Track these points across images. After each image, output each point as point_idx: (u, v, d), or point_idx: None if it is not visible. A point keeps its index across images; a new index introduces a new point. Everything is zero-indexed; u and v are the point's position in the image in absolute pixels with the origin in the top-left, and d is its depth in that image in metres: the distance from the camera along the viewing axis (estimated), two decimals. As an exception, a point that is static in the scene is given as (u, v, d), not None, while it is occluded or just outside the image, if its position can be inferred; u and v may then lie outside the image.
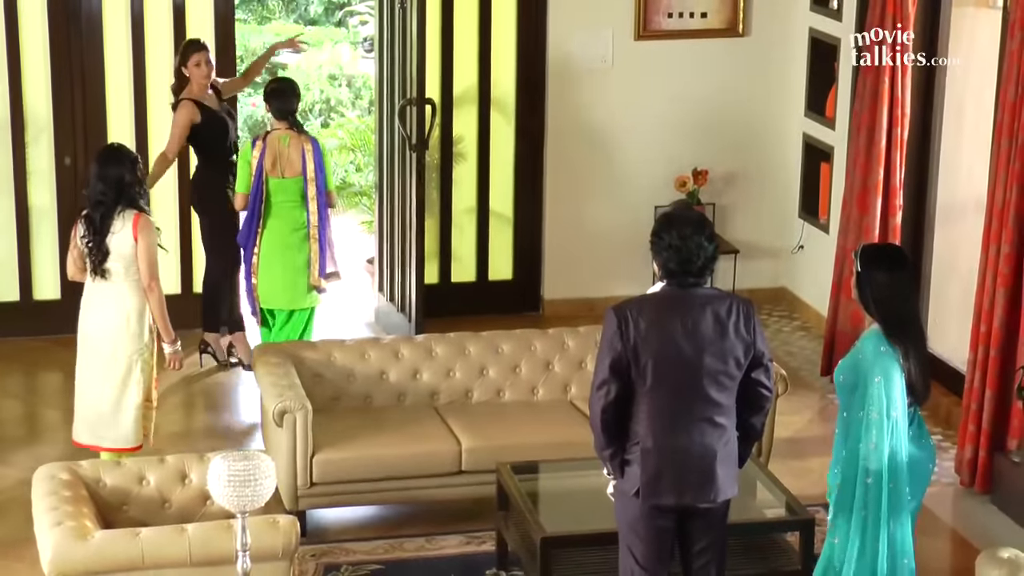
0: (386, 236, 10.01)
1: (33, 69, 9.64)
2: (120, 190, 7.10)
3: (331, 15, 17.34)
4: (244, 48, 15.10)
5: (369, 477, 7.22)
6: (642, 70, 10.24)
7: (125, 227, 7.08)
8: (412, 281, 9.41)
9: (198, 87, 9.08)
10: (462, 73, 10.21)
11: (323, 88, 15.52)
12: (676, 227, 5.57)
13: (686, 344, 5.51)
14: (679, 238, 5.54)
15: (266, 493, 5.35)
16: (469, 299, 10.32)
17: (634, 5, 10.13)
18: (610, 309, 5.59)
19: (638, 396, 5.55)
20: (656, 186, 10.16)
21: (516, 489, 6.77)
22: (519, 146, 10.34)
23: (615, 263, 10.18)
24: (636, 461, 5.59)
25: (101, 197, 7.11)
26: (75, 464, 6.32)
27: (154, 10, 9.73)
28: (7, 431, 8.66)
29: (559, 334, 7.98)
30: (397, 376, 7.78)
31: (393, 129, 9.77)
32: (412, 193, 9.36)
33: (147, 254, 7.08)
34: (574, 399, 7.80)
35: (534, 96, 10.25)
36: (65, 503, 5.90)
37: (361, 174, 12.68)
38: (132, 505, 6.24)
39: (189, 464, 6.35)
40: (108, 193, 7.10)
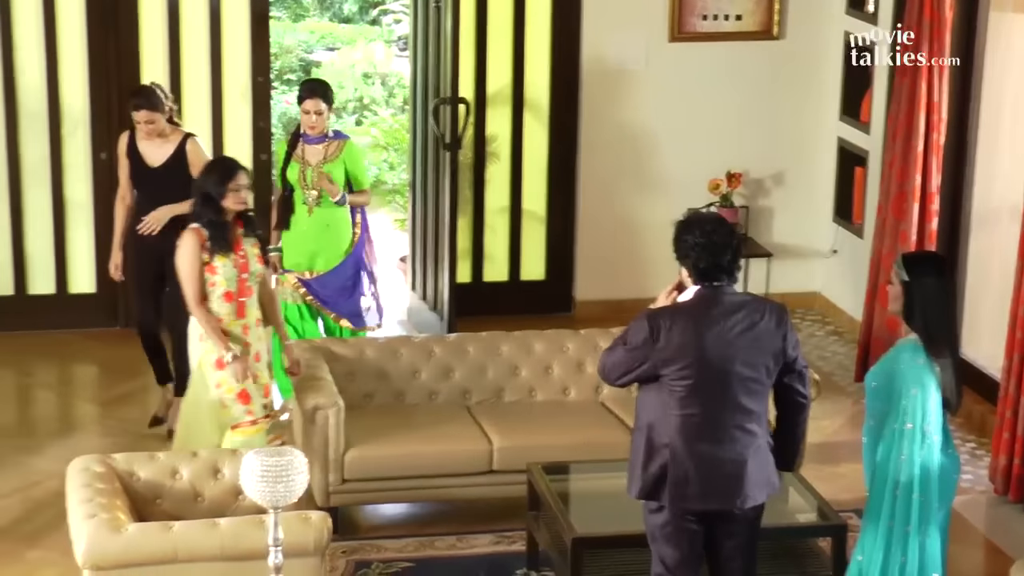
0: (419, 234, 10.02)
1: (70, 63, 9.68)
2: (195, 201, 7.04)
3: (365, 13, 17.36)
4: (278, 46, 15.13)
5: (400, 475, 7.23)
6: (676, 72, 10.23)
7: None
8: (445, 280, 9.42)
9: None
10: (496, 72, 10.22)
11: (357, 86, 15.53)
12: (697, 226, 5.59)
13: (717, 351, 5.50)
14: (703, 235, 5.55)
15: (298, 489, 5.35)
16: (501, 299, 10.33)
17: (668, 7, 10.12)
18: (644, 315, 5.58)
19: (666, 400, 5.55)
20: (689, 188, 10.15)
21: (547, 489, 6.77)
22: (552, 146, 10.35)
23: (647, 265, 10.17)
24: (663, 466, 5.59)
25: None
26: (109, 457, 6.34)
27: (190, 6, 9.77)
28: (42, 423, 8.70)
29: (591, 335, 7.98)
30: (429, 374, 7.79)
31: (427, 128, 9.79)
32: (446, 192, 9.37)
33: (180, 268, 7.01)
34: (605, 400, 7.80)
35: (568, 96, 10.25)
36: (99, 495, 5.92)
37: (394, 172, 12.70)
38: (165, 498, 6.26)
39: (222, 459, 6.36)
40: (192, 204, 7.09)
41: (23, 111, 9.68)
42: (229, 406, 6.96)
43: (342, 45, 16.53)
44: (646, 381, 5.61)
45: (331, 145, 8.47)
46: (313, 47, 16.54)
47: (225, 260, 6.95)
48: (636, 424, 5.73)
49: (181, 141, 8.18)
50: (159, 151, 8.15)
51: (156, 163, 8.15)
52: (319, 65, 16.07)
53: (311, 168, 8.38)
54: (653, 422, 5.61)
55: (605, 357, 5.70)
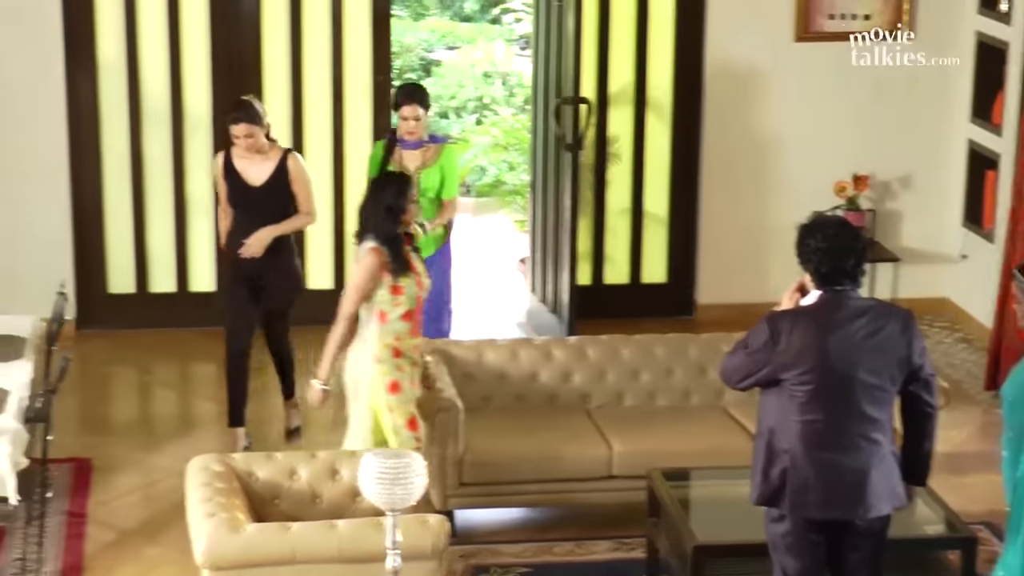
0: (539, 236, 10.03)
1: (192, 62, 9.80)
2: (366, 218, 6.84)
3: (486, 12, 17.39)
4: (399, 44, 15.21)
5: (519, 479, 7.23)
6: (802, 72, 10.14)
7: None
8: (565, 282, 9.42)
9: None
10: (618, 72, 10.19)
11: (477, 85, 15.57)
12: (819, 230, 5.55)
13: (840, 357, 5.44)
14: (824, 239, 5.50)
15: (416, 491, 5.36)
16: (622, 301, 10.30)
17: (795, 6, 10.04)
18: (765, 319, 5.55)
19: (787, 406, 5.50)
20: (815, 191, 10.05)
21: (667, 496, 6.73)
22: (675, 147, 10.30)
23: (771, 268, 10.09)
24: (783, 472, 5.53)
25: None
26: (228, 456, 6.41)
27: (312, 7, 9.85)
28: (162, 422, 8.81)
29: (713, 339, 7.92)
30: (549, 377, 7.78)
31: (548, 128, 9.79)
32: (567, 193, 9.36)
33: (351, 282, 6.83)
34: (728, 406, 7.74)
35: (691, 96, 10.20)
36: (218, 495, 5.98)
37: (514, 173, 12.71)
38: (283, 499, 6.31)
39: (340, 460, 6.40)
40: (359, 221, 6.87)
41: (146, 110, 9.82)
42: (399, 433, 6.80)
43: (463, 44, 16.57)
44: (767, 385, 5.57)
45: (429, 150, 8.29)
46: (434, 46, 16.61)
47: (408, 279, 6.78)
48: (757, 429, 5.70)
49: (281, 157, 7.99)
50: (259, 169, 7.96)
51: (257, 182, 7.95)
52: (439, 64, 16.13)
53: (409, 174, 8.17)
54: (774, 427, 5.57)
55: (726, 360, 5.68)
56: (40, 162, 9.69)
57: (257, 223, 7.90)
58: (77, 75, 9.67)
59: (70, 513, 7.40)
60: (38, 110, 9.62)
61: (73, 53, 9.64)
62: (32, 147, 9.65)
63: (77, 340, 9.60)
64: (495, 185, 12.55)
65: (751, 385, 5.61)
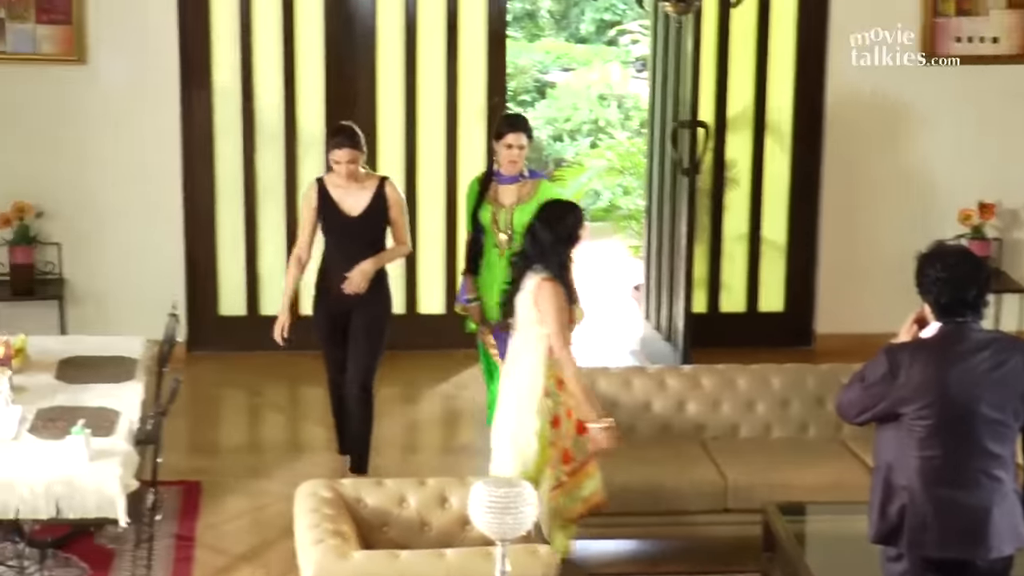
0: (654, 262, 10.01)
1: (307, 84, 9.91)
2: (540, 247, 6.67)
3: (602, 33, 17.43)
4: (513, 66, 15.26)
5: (630, 510, 7.18)
6: (928, 96, 10.04)
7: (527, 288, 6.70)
8: (680, 309, 9.38)
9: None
10: (737, 95, 10.16)
11: (592, 108, 15.59)
12: (940, 260, 5.47)
13: (961, 391, 5.37)
14: (945, 269, 5.43)
15: (527, 521, 5.35)
16: (738, 330, 10.25)
17: (920, 29, 9.95)
18: (883, 351, 5.49)
19: (905, 441, 5.44)
20: (939, 219, 9.95)
21: (783, 531, 6.67)
22: (794, 172, 10.24)
23: (893, 298, 9.88)
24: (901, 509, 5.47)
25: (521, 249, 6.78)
26: (337, 482, 6.44)
27: (427, 29, 9.92)
28: (271, 445, 8.89)
29: (833, 370, 7.85)
30: (662, 407, 7.75)
31: (664, 152, 9.77)
32: (683, 218, 9.34)
33: (554, 322, 6.59)
34: (846, 439, 7.66)
35: (812, 120, 10.14)
36: (327, 521, 6.01)
37: (629, 197, 12.71)
38: (392, 526, 6.33)
39: (450, 488, 6.41)
40: (528, 247, 6.70)
41: (260, 132, 9.96)
42: (555, 467, 6.68)
43: (578, 66, 16.62)
44: (885, 420, 5.51)
45: (525, 185, 8.04)
46: (548, 67, 16.67)
47: (578, 309, 6.75)
48: (875, 464, 5.64)
49: (379, 186, 7.83)
50: (356, 198, 7.79)
51: (355, 211, 7.79)
52: (554, 86, 16.18)
53: (504, 210, 7.97)
54: (892, 462, 5.51)
55: (843, 394, 5.63)
56: (154, 184, 9.84)
57: (353, 254, 7.77)
58: (192, 97, 9.83)
59: (179, 536, 7.48)
60: (154, 132, 9.78)
61: (189, 76, 9.79)
62: (147, 168, 9.81)
63: (188, 362, 9.74)
64: (609, 210, 12.55)
65: (868, 420, 5.55)
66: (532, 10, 17.67)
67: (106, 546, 7.28)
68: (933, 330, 5.50)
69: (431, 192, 10.11)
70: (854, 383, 5.56)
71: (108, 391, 7.07)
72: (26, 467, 6.23)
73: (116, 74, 9.67)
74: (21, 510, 6.16)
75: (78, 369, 7.36)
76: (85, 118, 9.69)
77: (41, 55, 9.59)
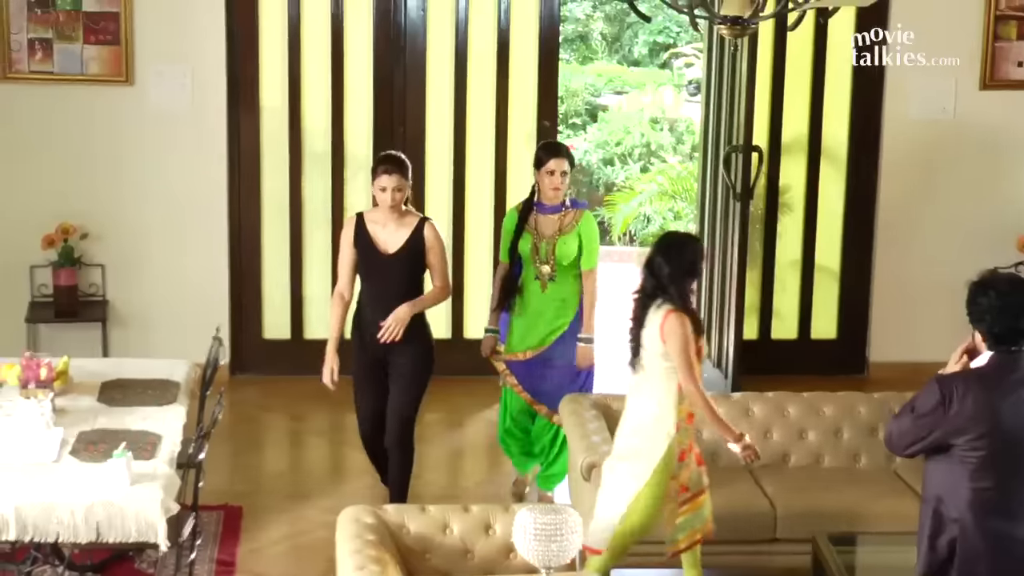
0: (704, 287, 10.00)
1: (355, 107, 9.97)
2: (659, 280, 6.57)
3: (655, 56, 17.46)
4: (564, 89, 15.32)
5: (677, 539, 7.18)
6: (987, 122, 10.02)
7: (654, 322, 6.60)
8: (730, 336, 9.38)
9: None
10: (792, 120, 10.16)
11: (644, 132, 15.61)
12: (992, 288, 5.47)
13: (1014, 422, 5.35)
14: (998, 297, 5.42)
15: (572, 549, 5.37)
16: (789, 357, 10.23)
17: (981, 53, 9.92)
18: (935, 381, 5.47)
19: (957, 472, 5.41)
20: (997, 245, 9.91)
21: (833, 562, 6.65)
22: (849, 198, 10.23)
23: (949, 326, 9.85)
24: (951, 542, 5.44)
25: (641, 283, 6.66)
26: (379, 508, 6.45)
27: (478, 50, 9.96)
28: (313, 471, 8.92)
29: (885, 399, 7.83)
30: (711, 434, 7.70)
31: (717, 176, 9.78)
32: (735, 244, 9.33)
33: (680, 354, 6.49)
34: (899, 469, 7.64)
35: (868, 145, 10.13)
36: (369, 547, 6.03)
37: (680, 222, 12.72)
38: (435, 554, 6.33)
39: (494, 514, 6.41)
40: (647, 280, 6.61)
41: (307, 155, 10.02)
42: (671, 499, 6.62)
43: (630, 89, 16.66)
44: (936, 451, 5.49)
45: (567, 215, 7.93)
46: (600, 90, 16.71)
47: (703, 340, 6.69)
48: (924, 495, 5.61)
49: (418, 225, 7.56)
50: (394, 236, 7.53)
51: (391, 249, 7.52)
52: (606, 109, 16.21)
53: (545, 240, 7.90)
54: (942, 495, 5.49)
55: (892, 425, 5.60)
56: (200, 206, 9.92)
57: (388, 295, 7.49)
58: (240, 119, 9.90)
59: (219, 561, 7.51)
60: (200, 154, 9.86)
61: (237, 98, 9.87)
62: (193, 190, 9.89)
63: (231, 385, 9.79)
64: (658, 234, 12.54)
65: (919, 451, 5.53)
66: (585, 32, 17.72)
67: (146, 571, 7.31)
68: (984, 359, 5.48)
69: (479, 216, 10.15)
70: (904, 414, 5.54)
71: (150, 414, 7.11)
72: (66, 490, 6.27)
73: (163, 95, 9.76)
74: (61, 534, 6.19)
75: (120, 392, 7.40)
76: (132, 139, 9.78)
77: (89, 76, 9.69)
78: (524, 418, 8.22)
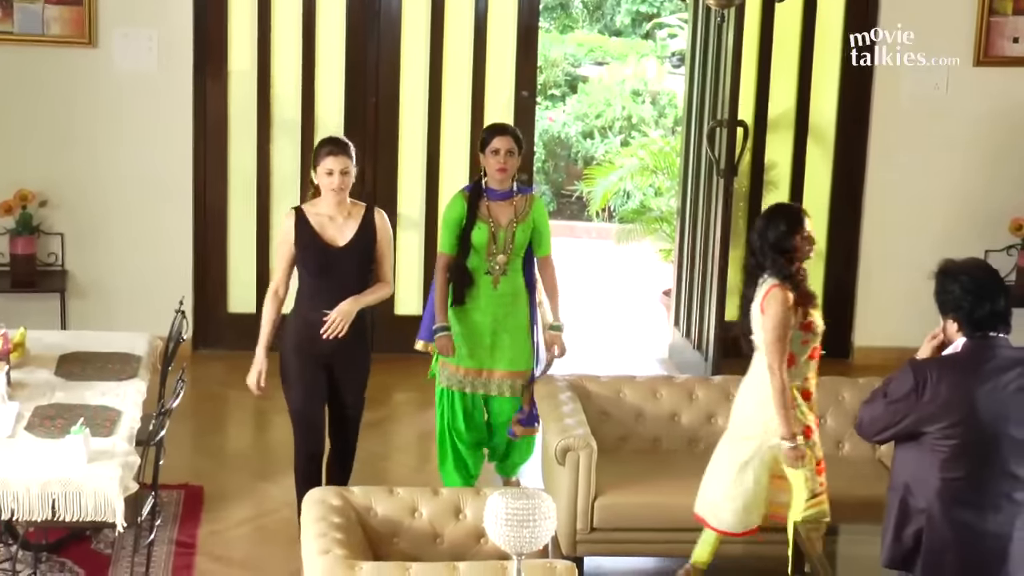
0: (686, 267, 10.01)
1: (326, 73, 9.95)
2: (755, 256, 6.77)
3: (638, 26, 17.44)
4: (543, 59, 15.29)
5: (655, 526, 7.20)
6: (981, 99, 10.03)
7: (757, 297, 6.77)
8: (711, 317, 9.39)
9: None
10: (779, 95, 10.17)
11: (625, 104, 15.60)
12: (964, 273, 5.51)
13: (989, 410, 5.37)
14: (972, 282, 5.46)
15: (545, 535, 5.36)
16: (772, 340, 10.23)
17: (975, 29, 9.93)
18: (909, 365, 5.49)
19: (927, 460, 5.43)
20: (988, 228, 9.94)
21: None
22: (836, 177, 10.24)
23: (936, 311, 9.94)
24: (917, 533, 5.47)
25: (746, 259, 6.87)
26: (346, 490, 6.45)
27: (455, 16, 9.94)
28: (278, 450, 8.90)
29: (870, 384, 7.80)
30: (690, 419, 7.75)
31: (700, 152, 9.77)
32: (717, 222, 9.34)
33: (771, 331, 6.66)
34: (883, 457, 7.66)
35: (857, 123, 10.14)
36: (334, 530, 6.02)
37: (662, 198, 12.71)
38: (403, 537, 6.33)
39: (464, 498, 6.41)
40: (747, 256, 6.84)
41: (276, 124, 10.00)
42: (810, 480, 6.77)
43: (611, 60, 16.64)
44: (906, 439, 5.51)
45: (520, 201, 7.68)
46: (580, 61, 16.69)
47: (817, 312, 6.75)
48: (891, 483, 5.64)
49: (366, 214, 7.27)
50: (342, 229, 7.22)
51: (341, 242, 7.20)
52: (586, 80, 16.19)
53: (503, 228, 7.64)
54: (910, 483, 5.52)
55: (864, 410, 5.62)
56: (164, 173, 9.89)
57: (342, 292, 7.18)
58: (207, 84, 9.87)
59: (179, 543, 7.51)
60: (165, 120, 9.83)
61: (204, 62, 9.84)
62: (157, 158, 9.86)
63: (194, 360, 9.78)
64: (640, 211, 12.56)
65: (889, 438, 5.55)
66: (565, 1, 17.70)
67: (103, 551, 7.32)
68: (958, 346, 5.50)
69: (454, 190, 10.09)
70: (876, 399, 5.56)
71: (109, 389, 7.10)
72: (22, 466, 6.26)
73: (128, 58, 9.71)
74: (15, 511, 6.19)
75: (79, 365, 7.38)
76: (93, 104, 9.74)
77: (50, 37, 9.63)
78: (473, 426, 7.92)
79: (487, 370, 7.77)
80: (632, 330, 11.30)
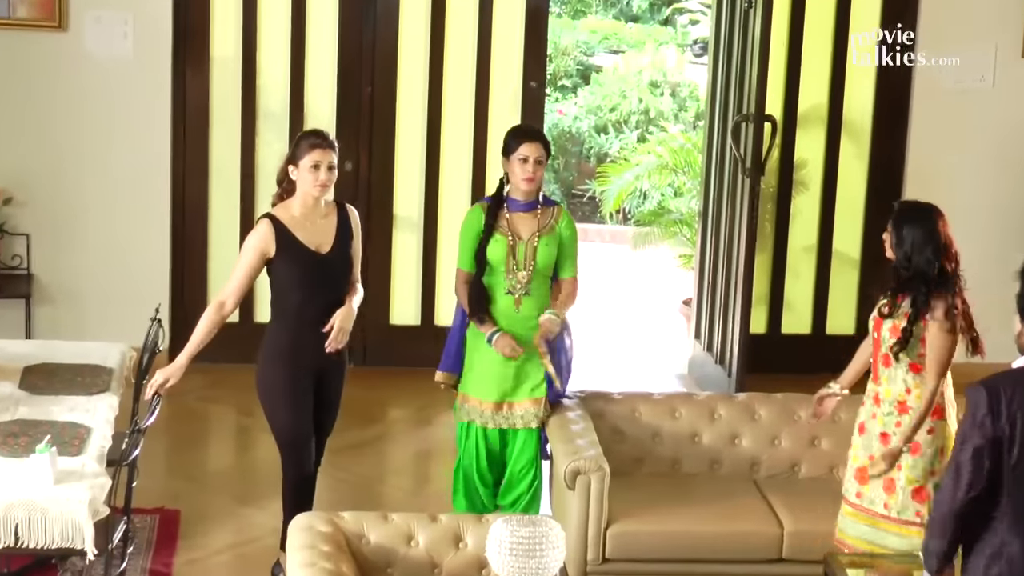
0: (708, 274, 10.00)
1: (317, 61, 9.95)
2: (914, 264, 6.97)
3: (657, 12, 17.46)
4: (553, 47, 15.29)
5: (671, 556, 7.18)
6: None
7: None
8: (735, 329, 9.38)
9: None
10: (810, 87, 10.16)
11: (642, 96, 15.61)
12: None
13: None
14: None
15: (553, 566, 5.36)
16: (801, 354, 10.23)
17: (1022, 18, 9.93)
18: (979, 386, 5.37)
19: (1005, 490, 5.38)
20: (1036, 232, 9.94)
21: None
22: (872, 175, 10.24)
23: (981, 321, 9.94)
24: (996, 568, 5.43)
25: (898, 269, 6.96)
26: (336, 515, 6.44)
27: (458, 4, 9.96)
28: (262, 471, 8.89)
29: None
30: (711, 439, 7.74)
31: (724, 149, 9.77)
32: (742, 225, 9.33)
33: (933, 352, 6.82)
34: (924, 483, 7.65)
35: (894, 118, 10.14)
36: (323, 559, 6.01)
37: (681, 199, 12.71)
38: (397, 567, 6.32)
39: (465, 525, 6.40)
40: (904, 265, 6.99)
41: (262, 117, 10.00)
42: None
43: (628, 48, 16.66)
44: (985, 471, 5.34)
45: (545, 212, 7.39)
46: (594, 49, 16.70)
47: None
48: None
49: (340, 212, 7.17)
50: (322, 231, 7.11)
51: (324, 248, 7.09)
52: (600, 70, 16.20)
53: (523, 243, 7.36)
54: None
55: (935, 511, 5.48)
56: (140, 170, 9.89)
57: (335, 301, 7.11)
58: (187, 73, 9.87)
59: (152, 572, 7.49)
60: (141, 111, 9.83)
61: (184, 48, 9.84)
62: (132, 152, 9.86)
63: (171, 373, 9.76)
64: (658, 213, 12.57)
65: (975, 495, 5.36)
66: (577, -17, 17.74)
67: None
68: None
69: (454, 188, 10.13)
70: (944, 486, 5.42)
71: (79, 404, 7.09)
72: (-18, 487, 6.26)
73: (101, 43, 9.72)
74: (-25, 536, 6.18)
75: (45, 378, 7.38)
76: (63, 93, 9.74)
77: (16, 20, 9.64)
78: (495, 463, 7.70)
79: (507, 402, 7.54)
80: (649, 343, 11.29)
